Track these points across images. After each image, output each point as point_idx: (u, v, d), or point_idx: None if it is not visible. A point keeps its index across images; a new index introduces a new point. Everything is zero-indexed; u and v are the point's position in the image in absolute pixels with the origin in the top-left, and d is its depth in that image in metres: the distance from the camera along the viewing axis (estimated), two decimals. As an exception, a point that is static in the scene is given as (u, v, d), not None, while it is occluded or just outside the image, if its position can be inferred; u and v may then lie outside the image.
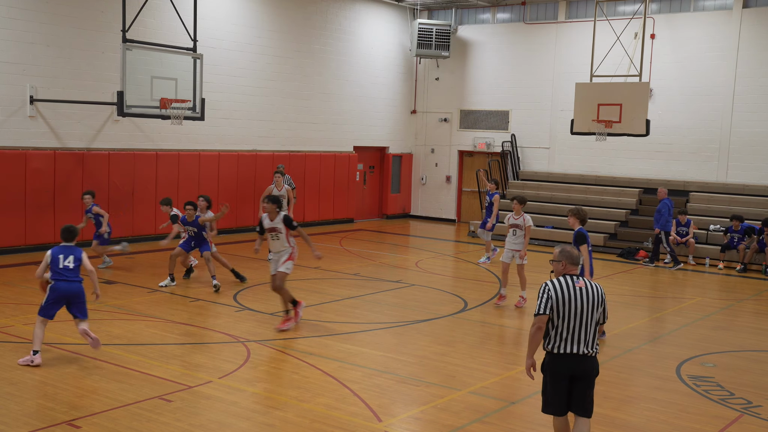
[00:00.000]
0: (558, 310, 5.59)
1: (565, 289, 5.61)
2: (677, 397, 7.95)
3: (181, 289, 12.06)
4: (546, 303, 5.60)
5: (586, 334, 5.61)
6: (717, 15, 19.34)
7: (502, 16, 22.82)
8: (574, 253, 5.75)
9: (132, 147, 16.43)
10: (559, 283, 5.64)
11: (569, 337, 5.59)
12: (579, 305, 5.59)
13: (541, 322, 5.62)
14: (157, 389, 7.38)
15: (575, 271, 5.74)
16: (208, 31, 17.13)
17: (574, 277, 5.70)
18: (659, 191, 17.08)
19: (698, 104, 19.55)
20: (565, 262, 5.73)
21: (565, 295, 5.59)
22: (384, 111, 23.15)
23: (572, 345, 5.60)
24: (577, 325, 5.59)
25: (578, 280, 5.68)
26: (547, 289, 5.64)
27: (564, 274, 5.72)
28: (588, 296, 5.63)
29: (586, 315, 5.61)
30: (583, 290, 5.64)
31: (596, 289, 5.70)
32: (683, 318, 11.73)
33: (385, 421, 6.90)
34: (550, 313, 5.60)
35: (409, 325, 10.50)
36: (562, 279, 5.67)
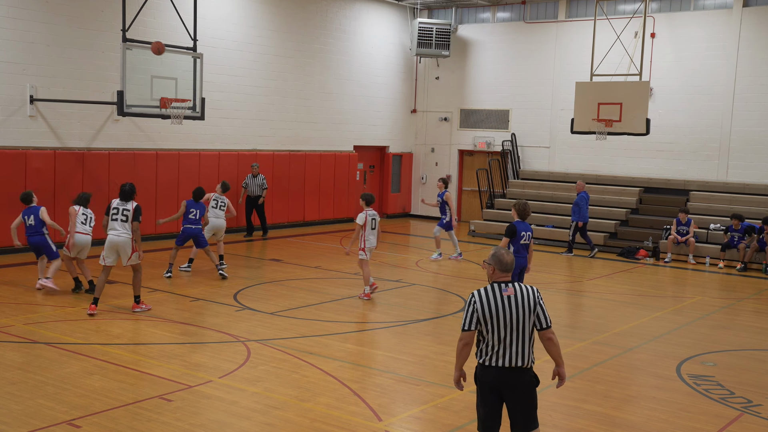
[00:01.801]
0: (485, 322, 5.18)
1: (492, 300, 5.17)
2: (678, 396, 7.94)
3: (182, 289, 12.06)
4: (471, 317, 5.20)
5: (518, 345, 5.19)
6: (717, 14, 19.33)
7: (502, 16, 22.81)
8: (504, 258, 5.27)
9: (132, 146, 16.43)
10: (486, 293, 5.21)
11: (500, 348, 5.18)
12: (508, 315, 5.15)
13: (468, 338, 5.23)
14: (158, 389, 7.38)
15: (505, 277, 5.27)
16: (208, 30, 17.13)
17: (503, 284, 5.23)
18: (578, 184, 17.78)
19: (698, 103, 19.54)
20: (494, 268, 5.28)
21: (491, 305, 5.16)
22: (384, 110, 23.15)
23: (503, 357, 5.19)
24: (508, 335, 5.17)
25: (507, 288, 5.21)
26: (472, 301, 5.22)
27: (494, 280, 5.28)
28: (518, 304, 5.18)
29: (516, 325, 5.17)
30: (512, 298, 5.18)
31: (528, 294, 5.23)
32: (683, 317, 11.73)
33: (386, 420, 6.90)
34: (477, 326, 5.21)
35: (409, 325, 10.50)
36: (489, 288, 5.23)
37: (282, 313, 10.73)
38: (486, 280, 12.78)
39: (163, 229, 16.99)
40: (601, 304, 12.63)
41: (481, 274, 14.79)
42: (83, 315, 10.19)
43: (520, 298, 5.20)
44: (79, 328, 9.49)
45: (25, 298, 11.06)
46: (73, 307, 10.63)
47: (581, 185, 17.76)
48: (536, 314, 5.23)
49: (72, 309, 10.51)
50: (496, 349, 5.20)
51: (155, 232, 16.80)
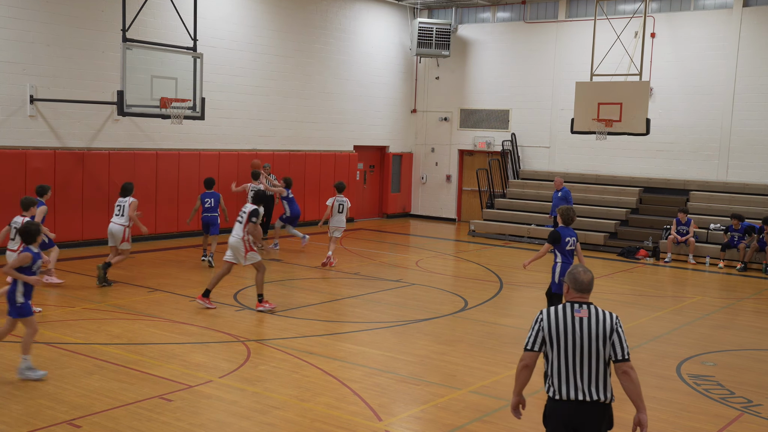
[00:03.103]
0: (551, 343, 4.67)
1: (561, 319, 4.68)
2: (678, 396, 7.94)
3: (181, 289, 12.06)
4: (536, 336, 4.71)
5: (591, 376, 4.59)
6: (717, 14, 19.33)
7: (503, 15, 22.81)
8: (581, 276, 4.79)
9: (132, 146, 16.43)
10: (555, 312, 4.73)
11: (569, 377, 4.62)
12: (578, 339, 4.62)
13: (529, 359, 4.73)
14: (158, 389, 7.38)
15: (581, 298, 4.77)
16: (208, 30, 17.13)
17: (577, 305, 4.73)
18: (557, 180, 17.90)
19: (698, 103, 19.54)
20: (569, 286, 4.80)
21: (560, 325, 4.67)
22: (384, 110, 23.15)
23: (574, 389, 4.60)
24: (578, 362, 4.60)
25: (580, 309, 4.71)
26: (539, 319, 4.76)
27: (568, 300, 4.80)
28: (590, 328, 4.64)
29: (588, 351, 4.60)
30: (584, 321, 4.66)
31: (605, 319, 4.68)
32: (683, 317, 11.73)
33: (386, 420, 6.90)
34: (543, 348, 4.71)
35: (409, 325, 10.50)
36: (560, 307, 4.75)
37: (282, 313, 10.73)
38: (492, 281, 12.65)
39: (163, 230, 17.01)
40: (602, 304, 12.50)
41: (480, 274, 14.79)
42: (83, 315, 10.19)
43: (594, 322, 4.66)
44: (80, 328, 9.49)
45: (25, 297, 11.04)
46: (72, 307, 10.63)
47: (560, 180, 17.90)
48: (612, 342, 4.62)
49: (72, 309, 10.51)
50: (564, 377, 4.63)
51: (156, 231, 16.82)
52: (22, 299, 7.55)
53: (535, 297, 13.24)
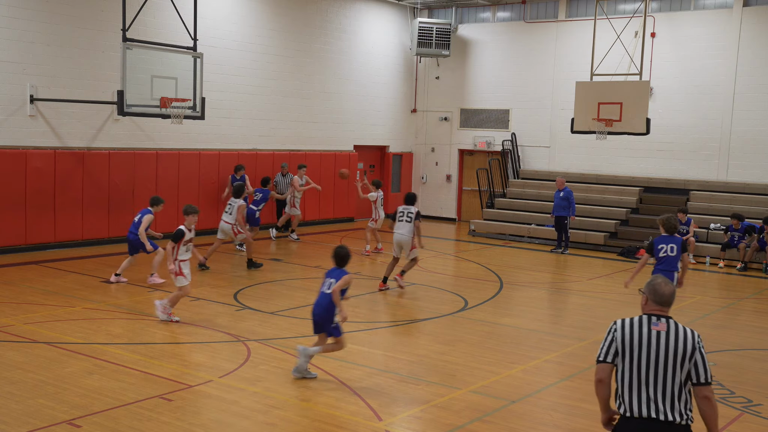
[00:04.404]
0: (623, 354, 4.40)
1: (636, 331, 4.39)
2: (678, 395, 7.93)
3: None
4: (609, 347, 4.45)
5: (665, 393, 4.29)
6: (717, 13, 19.33)
7: (503, 15, 22.81)
8: (661, 288, 4.48)
9: (132, 146, 16.42)
10: (631, 323, 4.45)
11: (640, 394, 4.33)
12: (653, 354, 4.32)
13: (602, 372, 4.47)
14: (158, 388, 7.38)
15: (660, 311, 4.47)
16: (208, 30, 17.13)
17: (655, 317, 4.43)
18: (559, 180, 17.98)
19: (698, 103, 19.54)
20: (647, 298, 4.51)
21: (634, 337, 4.39)
22: (384, 110, 23.15)
23: (647, 406, 4.30)
24: (651, 379, 4.31)
25: (658, 322, 4.40)
26: (612, 329, 4.47)
27: (646, 312, 4.50)
28: (668, 344, 4.32)
29: (663, 368, 4.30)
30: (662, 335, 4.33)
31: (685, 336, 4.34)
32: (684, 317, 11.72)
33: (386, 420, 6.90)
34: (615, 360, 4.43)
35: (409, 324, 10.50)
36: (636, 319, 4.46)
37: (282, 313, 10.73)
38: (492, 281, 12.64)
39: (163, 229, 16.99)
40: (601, 304, 12.63)
41: (480, 274, 14.79)
42: (84, 314, 10.19)
43: (673, 338, 4.33)
44: (80, 328, 9.50)
45: (25, 297, 11.06)
46: (72, 306, 10.64)
47: (563, 181, 17.98)
48: (693, 363, 4.31)
49: (72, 309, 10.51)
50: (636, 392, 4.35)
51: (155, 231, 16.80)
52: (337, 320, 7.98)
53: (535, 297, 13.25)
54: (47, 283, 12.09)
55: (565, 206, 17.66)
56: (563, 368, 8.77)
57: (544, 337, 10.16)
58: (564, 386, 8.14)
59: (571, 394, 7.86)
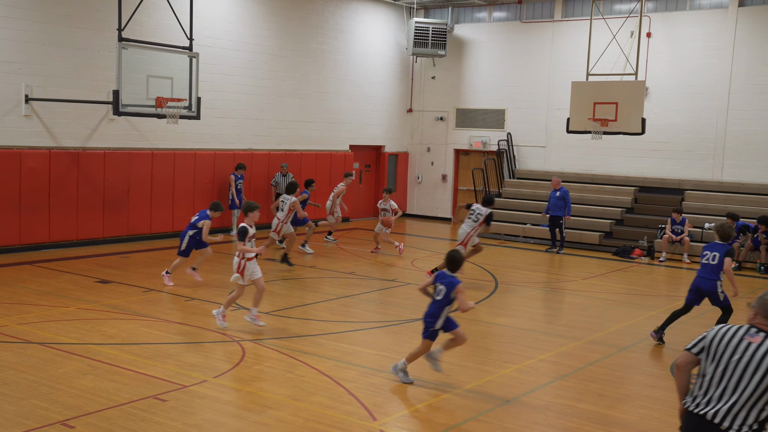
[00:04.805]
0: (707, 353, 4.49)
1: (727, 336, 4.43)
2: (671, 394, 7.94)
3: (176, 289, 12.05)
4: (698, 342, 4.56)
5: (734, 404, 4.30)
6: (713, 13, 19.37)
7: (499, 15, 22.83)
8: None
9: (127, 146, 16.40)
10: (727, 329, 4.49)
11: (710, 394, 4.42)
12: (736, 361, 4.34)
13: (683, 359, 4.61)
14: (152, 389, 7.37)
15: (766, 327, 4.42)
16: (204, 29, 17.12)
17: (754, 329, 4.42)
18: (555, 180, 18.03)
19: (694, 103, 19.58)
20: (756, 311, 4.46)
21: (723, 341, 4.43)
22: (380, 110, 23.16)
23: (707, 406, 4.41)
24: (729, 386, 4.34)
25: (755, 334, 4.39)
26: (709, 331, 4.59)
27: (749, 323, 4.49)
28: (755, 356, 4.30)
29: (744, 378, 4.29)
30: (752, 347, 4.33)
31: None
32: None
33: (380, 419, 6.90)
34: (699, 355, 4.54)
35: (404, 324, 10.51)
36: (735, 326, 4.50)
37: (277, 313, 10.73)
38: (487, 281, 12.66)
39: (159, 229, 17.00)
40: (596, 303, 12.65)
41: (475, 274, 14.80)
42: (78, 315, 10.18)
43: (761, 353, 4.31)
44: (73, 328, 9.48)
45: (19, 297, 11.04)
46: (67, 307, 10.62)
47: (558, 181, 18.05)
48: None
49: (66, 309, 10.50)
50: (705, 392, 4.45)
51: (151, 231, 16.81)
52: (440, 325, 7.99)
53: (530, 297, 13.27)
54: (41, 283, 12.07)
55: (561, 206, 17.71)
56: (558, 368, 8.78)
57: (538, 337, 10.18)
58: (558, 385, 8.16)
59: (566, 394, 7.87)
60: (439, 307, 7.83)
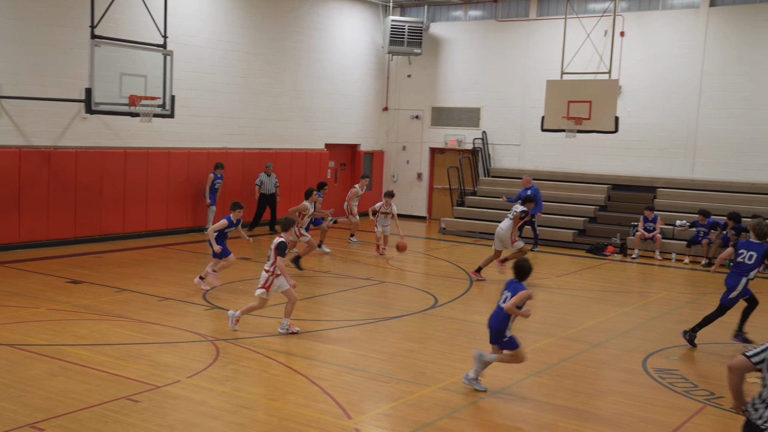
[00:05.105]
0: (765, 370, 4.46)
1: None
2: (643, 390, 8.05)
3: (150, 288, 11.94)
4: (760, 353, 4.50)
5: None
6: (684, 13, 19.60)
7: (474, 14, 22.91)
8: None
9: (100, 145, 16.22)
10: None
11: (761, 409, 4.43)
12: None
13: (737, 362, 4.56)
14: (124, 390, 7.30)
15: None
16: (178, 27, 16.95)
17: None
18: (525, 179, 18.14)
19: (666, 101, 19.80)
20: None
21: None
22: (356, 108, 23.13)
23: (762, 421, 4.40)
24: None
25: None
26: None
27: None
28: None
29: None
30: None
31: None
32: (650, 312, 11.90)
33: (355, 418, 6.90)
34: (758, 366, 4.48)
35: (379, 322, 10.52)
36: None
37: (252, 312, 10.66)
38: (462, 278, 12.69)
39: (132, 229, 16.84)
40: (570, 300, 12.75)
41: (450, 271, 14.84)
42: (48, 316, 10.05)
43: None
44: (44, 329, 9.36)
45: (-11, 298, 10.87)
46: (36, 308, 10.48)
47: (529, 179, 18.16)
48: None
49: (36, 310, 10.36)
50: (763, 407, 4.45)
51: (124, 231, 16.65)
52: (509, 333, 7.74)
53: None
54: (10, 284, 11.89)
55: (536, 202, 17.79)
56: (532, 364, 8.83)
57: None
58: (533, 382, 8.21)
59: (540, 390, 7.93)
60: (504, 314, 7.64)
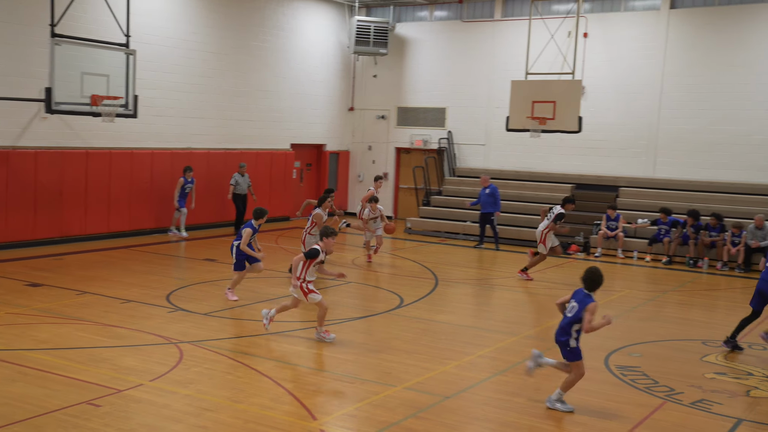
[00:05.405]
0: None
1: None
2: (605, 386, 8.17)
3: (112, 291, 11.78)
4: None
5: None
6: (646, 15, 19.92)
7: (440, 14, 23.01)
8: None
9: (61, 145, 15.95)
10: None
11: None
12: None
13: None
14: (85, 394, 7.20)
15: None
16: (141, 26, 16.73)
17: None
18: (483, 178, 18.21)
19: (628, 102, 20.10)
20: None
21: None
22: (321, 108, 23.08)
23: None
24: None
25: None
26: None
27: None
28: None
29: None
30: None
31: None
32: (612, 310, 12.04)
33: (321, 419, 6.89)
34: None
35: (344, 323, 10.51)
36: None
37: (216, 314, 10.60)
38: (428, 278, 12.71)
39: (94, 230, 16.59)
40: (534, 299, 12.88)
41: (415, 271, 14.89)
42: (7, 320, 9.84)
43: None
44: (2, 334, 9.16)
45: (-54, 302, 10.63)
46: (-3, 311, 10.28)
47: (487, 178, 18.21)
48: None
49: (-4, 313, 10.16)
50: None
51: (85, 232, 16.40)
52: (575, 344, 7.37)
53: (469, 294, 13.42)
54: (-30, 287, 11.65)
55: (491, 202, 17.98)
56: (496, 363, 8.92)
57: (478, 333, 10.31)
58: (497, 380, 8.28)
59: (504, 388, 8.00)
60: (567, 322, 7.47)
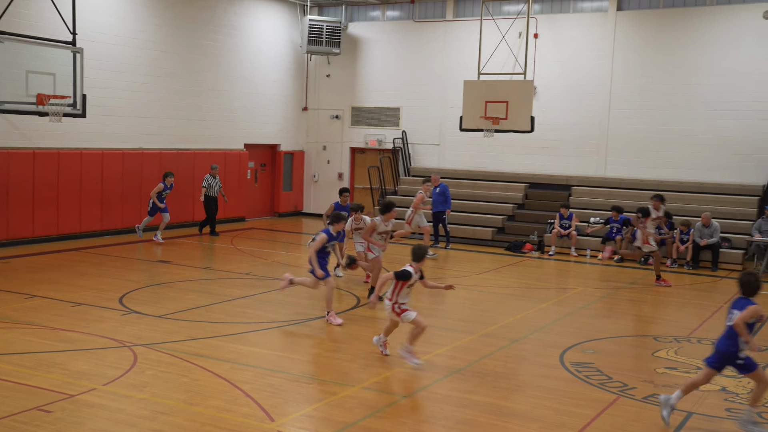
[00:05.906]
0: None
1: None
2: (561, 383, 8.29)
3: (62, 294, 11.50)
4: None
5: None
6: (593, 17, 20.28)
7: (392, 14, 23.06)
8: None
9: (6, 145, 15.51)
10: None
11: None
12: None
13: None
14: (35, 400, 7.01)
15: None
16: (88, 24, 16.39)
17: None
18: (433, 178, 18.11)
19: (579, 102, 20.44)
20: None
21: None
22: (275, 108, 22.92)
23: None
24: None
25: None
26: None
27: None
28: None
29: None
30: None
31: None
32: (566, 307, 12.25)
33: (278, 420, 6.84)
34: None
35: (301, 324, 10.46)
36: None
37: (171, 316, 10.44)
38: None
39: (42, 233, 16.18)
40: (490, 298, 13.00)
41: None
42: (-48, 325, 9.54)
43: None
44: (-52, 340, 8.89)
45: None
46: (-60, 317, 9.94)
47: (437, 178, 18.14)
48: None
49: (-61, 319, 9.82)
50: None
51: (34, 235, 15.98)
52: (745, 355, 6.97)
53: (426, 292, 13.44)
54: None
55: (442, 201, 18.05)
56: (454, 362, 8.97)
57: (435, 332, 10.35)
58: (454, 379, 8.33)
59: (461, 387, 8.05)
60: (731, 333, 7.10)
